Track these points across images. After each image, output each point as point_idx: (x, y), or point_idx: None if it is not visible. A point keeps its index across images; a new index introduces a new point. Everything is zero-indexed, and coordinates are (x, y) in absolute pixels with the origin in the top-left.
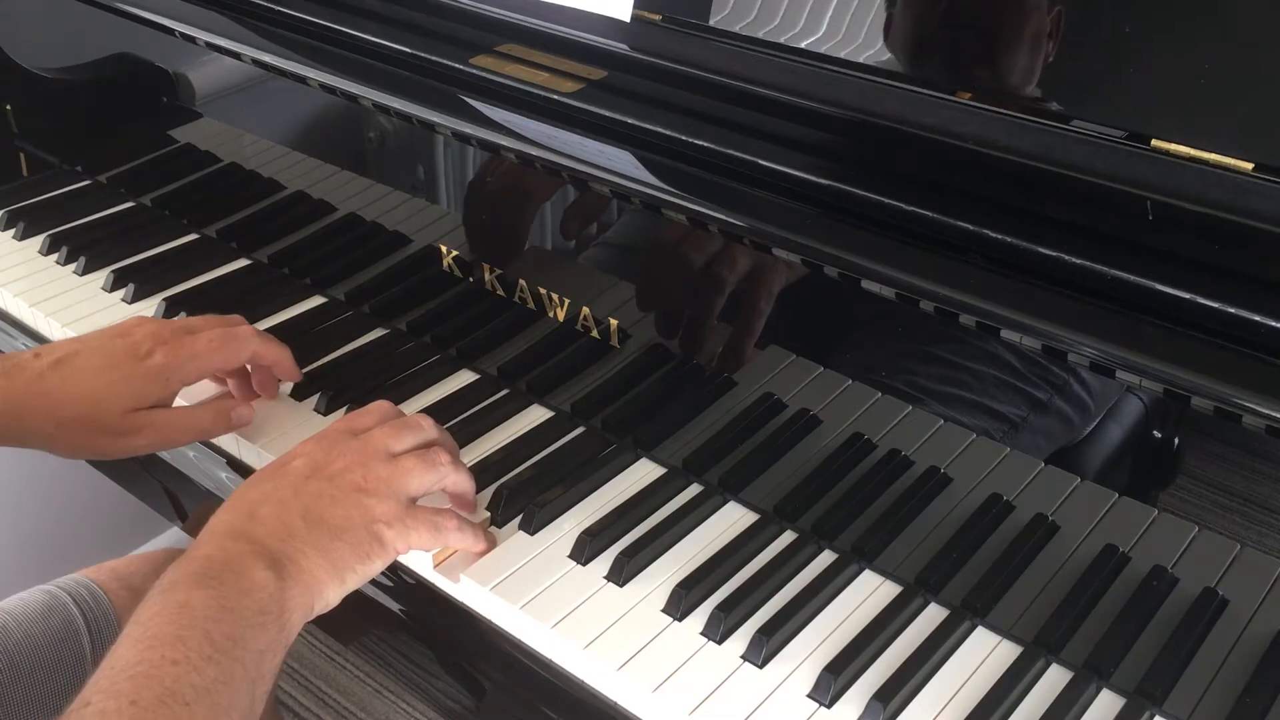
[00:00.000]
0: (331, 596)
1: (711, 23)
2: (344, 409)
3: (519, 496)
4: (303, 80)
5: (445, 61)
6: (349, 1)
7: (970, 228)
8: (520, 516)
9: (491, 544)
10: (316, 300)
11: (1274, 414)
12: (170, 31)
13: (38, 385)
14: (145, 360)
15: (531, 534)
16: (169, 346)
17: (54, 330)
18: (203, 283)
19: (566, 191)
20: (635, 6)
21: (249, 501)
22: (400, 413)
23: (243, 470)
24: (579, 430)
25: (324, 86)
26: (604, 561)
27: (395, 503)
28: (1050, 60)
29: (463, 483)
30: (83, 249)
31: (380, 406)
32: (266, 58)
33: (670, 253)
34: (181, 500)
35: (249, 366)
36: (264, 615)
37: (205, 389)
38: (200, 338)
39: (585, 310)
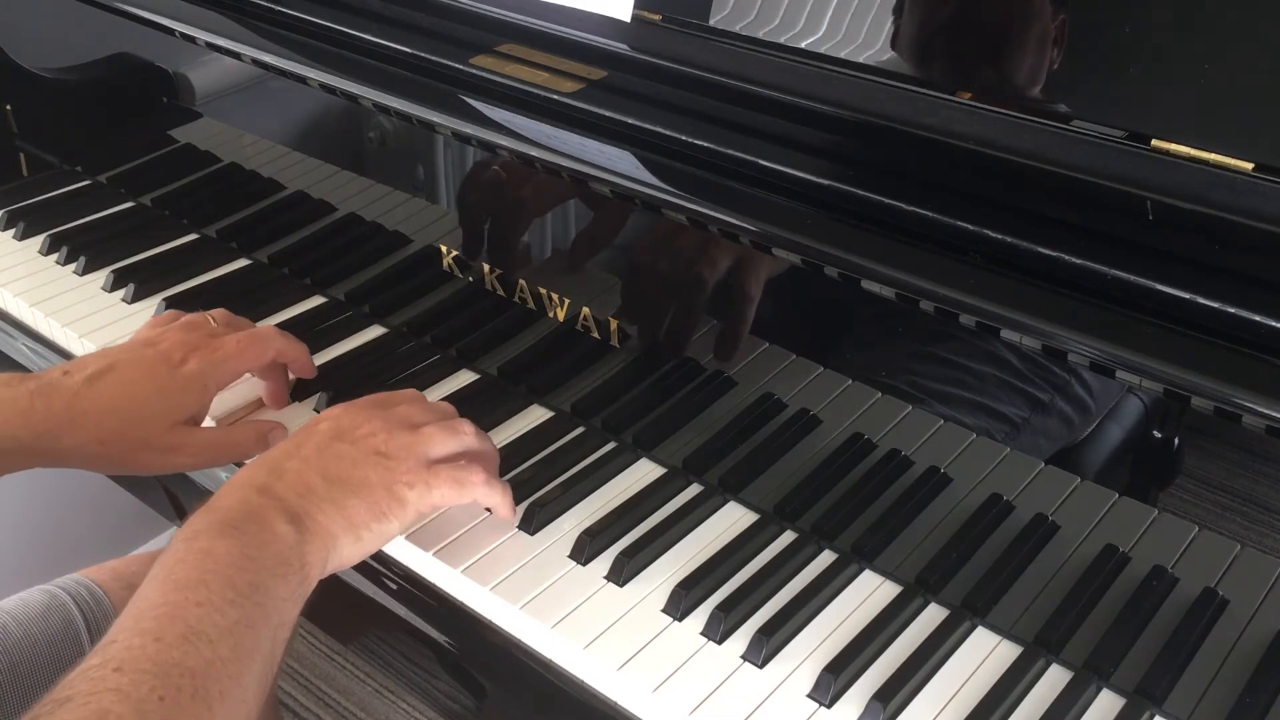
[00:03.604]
0: (347, 553)
1: (711, 23)
2: None
3: (518, 496)
4: (303, 80)
5: (445, 61)
6: (349, 1)
7: (970, 228)
8: (520, 516)
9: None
10: (316, 300)
11: (1274, 414)
12: (170, 31)
13: (76, 404)
14: (180, 368)
15: (531, 534)
16: (200, 353)
17: (54, 330)
18: (203, 283)
19: (568, 193)
20: (635, 6)
21: (273, 458)
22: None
23: None
24: (579, 430)
25: (324, 86)
26: (604, 561)
27: (415, 463)
28: (1051, 61)
29: (485, 451)
30: (83, 249)
31: (411, 393)
32: (266, 58)
33: (669, 252)
34: (181, 500)
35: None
36: (285, 566)
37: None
38: (228, 340)
39: (585, 310)
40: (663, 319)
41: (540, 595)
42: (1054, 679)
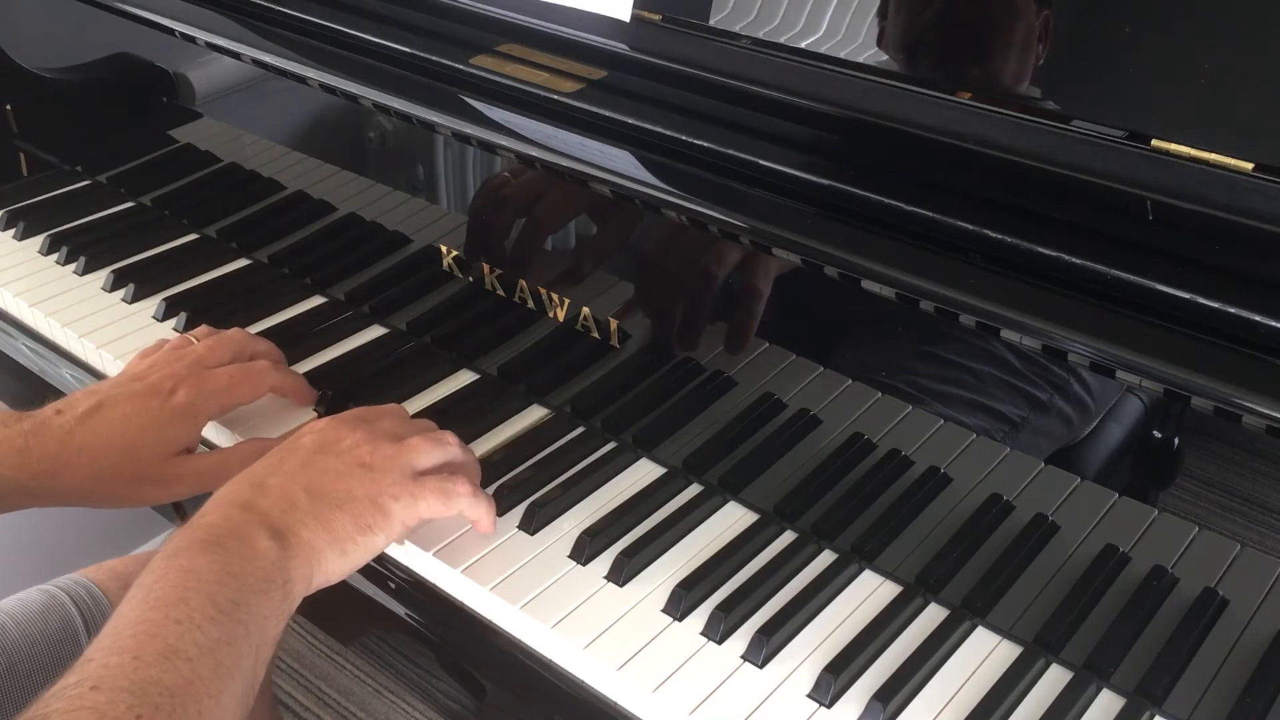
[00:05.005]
0: (332, 568)
1: (711, 23)
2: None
3: (518, 496)
4: (303, 80)
5: (445, 61)
6: (349, 1)
7: (970, 228)
8: (520, 516)
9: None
10: (316, 300)
11: (1274, 414)
12: (170, 31)
13: (70, 441)
14: (169, 399)
15: (531, 534)
16: (189, 384)
17: (54, 330)
18: (203, 283)
19: (571, 196)
20: (635, 6)
21: (257, 474)
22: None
23: None
24: (579, 430)
25: (324, 86)
26: (604, 561)
27: (400, 475)
28: (1050, 60)
29: (469, 463)
30: (83, 249)
31: (394, 408)
32: (266, 58)
33: (669, 252)
34: (182, 500)
35: None
36: (268, 583)
37: None
38: (220, 374)
39: (585, 310)
40: (666, 318)
41: (540, 595)
42: (1054, 679)
